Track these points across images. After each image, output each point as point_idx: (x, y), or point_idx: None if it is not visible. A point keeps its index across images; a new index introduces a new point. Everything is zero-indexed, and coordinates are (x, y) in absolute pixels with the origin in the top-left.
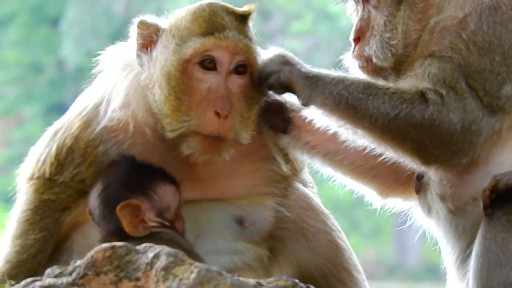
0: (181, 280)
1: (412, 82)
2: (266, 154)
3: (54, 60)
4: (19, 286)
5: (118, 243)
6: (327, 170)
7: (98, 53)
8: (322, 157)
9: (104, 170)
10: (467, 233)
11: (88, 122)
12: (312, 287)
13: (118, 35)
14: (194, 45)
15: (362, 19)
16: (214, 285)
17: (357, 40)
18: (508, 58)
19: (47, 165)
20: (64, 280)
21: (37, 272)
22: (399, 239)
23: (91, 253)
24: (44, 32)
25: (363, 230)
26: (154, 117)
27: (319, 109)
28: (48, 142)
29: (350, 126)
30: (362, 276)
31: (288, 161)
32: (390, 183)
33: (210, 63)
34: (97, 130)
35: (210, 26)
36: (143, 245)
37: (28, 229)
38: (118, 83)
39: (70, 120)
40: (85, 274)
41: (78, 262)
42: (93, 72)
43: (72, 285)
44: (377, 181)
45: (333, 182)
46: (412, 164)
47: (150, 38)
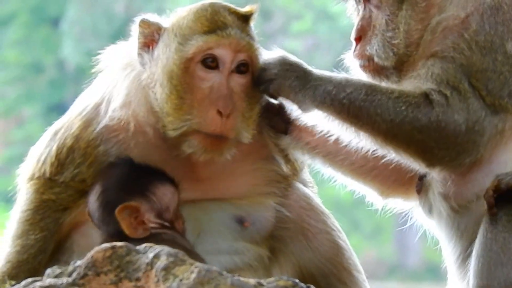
0: (181, 280)
1: (415, 83)
2: (267, 154)
3: (55, 60)
4: (20, 286)
5: (118, 243)
6: (328, 171)
7: (98, 53)
8: (323, 157)
9: (102, 172)
10: (469, 231)
11: (88, 122)
12: (312, 287)
13: (118, 35)
14: (197, 43)
15: (363, 19)
16: (214, 285)
17: (358, 39)
18: (510, 58)
19: (48, 165)
20: (64, 280)
21: (37, 272)
22: (400, 239)
23: (91, 253)
24: (44, 32)
25: (364, 230)
26: (156, 116)
27: (319, 115)
28: (48, 142)
29: (351, 132)
30: (362, 276)
31: (288, 161)
32: (391, 183)
33: (212, 62)
34: (97, 129)
35: (212, 24)
36: (143, 245)
37: (28, 229)
38: (118, 83)
39: (70, 120)
40: (85, 274)
41: (79, 262)
42: (93, 71)
43: (72, 285)
44: (378, 181)
45: (334, 182)
46: (415, 166)
47: (151, 37)
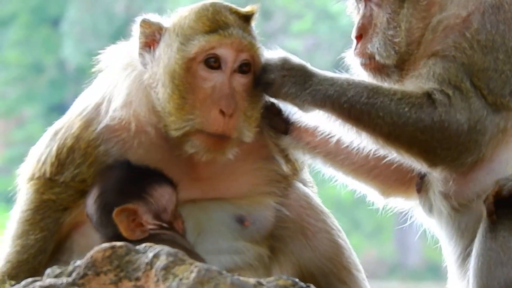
0: (181, 279)
1: (417, 83)
2: (267, 154)
3: (55, 60)
4: (20, 286)
5: (118, 243)
6: (329, 171)
7: (99, 53)
8: (324, 157)
9: (99, 175)
10: (470, 230)
11: (89, 122)
12: (312, 286)
13: (119, 35)
14: (199, 43)
15: (364, 17)
16: (214, 284)
17: (359, 37)
18: (511, 56)
19: (48, 165)
20: (64, 280)
21: (37, 272)
22: (400, 239)
23: (91, 253)
24: (44, 32)
25: (364, 229)
26: (157, 116)
27: (320, 116)
28: (48, 142)
29: (352, 133)
30: (362, 275)
31: (288, 161)
32: (391, 183)
33: (214, 62)
34: (98, 129)
35: (214, 24)
36: (143, 245)
37: (28, 229)
38: (119, 82)
39: (70, 120)
40: (85, 274)
41: (78, 262)
42: (93, 71)
43: (72, 285)
44: (378, 180)
45: (334, 182)
46: (417, 165)
47: (152, 37)
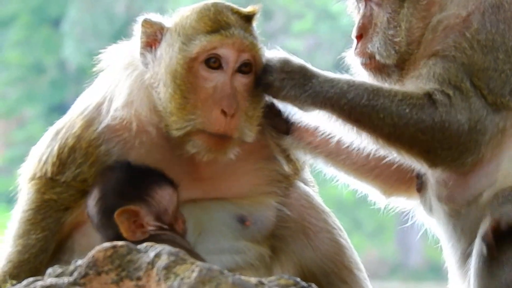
0: (182, 279)
1: (417, 84)
2: (268, 154)
3: (56, 60)
4: (21, 286)
5: (119, 243)
6: (330, 170)
7: (99, 53)
8: (325, 157)
9: (100, 176)
10: (466, 234)
11: (90, 121)
12: (313, 286)
13: (119, 35)
14: (201, 43)
15: (364, 16)
16: (215, 284)
17: (359, 37)
18: (511, 56)
19: (49, 164)
20: (65, 279)
21: (38, 271)
22: (402, 238)
23: (92, 252)
24: (45, 32)
25: (366, 229)
26: (158, 115)
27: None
28: (50, 141)
29: (353, 133)
30: (363, 274)
31: (289, 161)
32: (393, 182)
33: (215, 62)
34: (99, 129)
35: (215, 24)
36: (144, 244)
37: (30, 229)
38: (120, 82)
39: (72, 119)
40: (86, 274)
41: (80, 262)
42: (94, 71)
43: (73, 284)
44: (380, 180)
45: (336, 181)
46: (418, 166)
47: (154, 37)
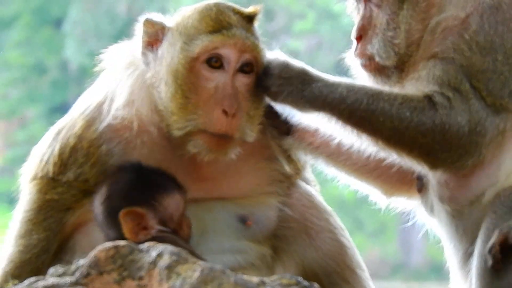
0: (184, 278)
1: (417, 86)
2: (269, 154)
3: (57, 60)
4: (23, 286)
5: (121, 242)
6: (331, 170)
7: (101, 53)
8: (326, 158)
9: (110, 175)
10: (468, 234)
11: (91, 121)
12: (315, 285)
13: (121, 35)
14: (202, 43)
15: (364, 18)
16: (217, 283)
17: (359, 38)
18: (510, 57)
19: (51, 164)
20: (67, 279)
21: (40, 272)
22: (403, 238)
23: (94, 252)
24: (47, 33)
25: (367, 229)
26: (159, 115)
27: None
28: (51, 141)
29: (353, 136)
30: (365, 274)
31: (291, 161)
32: (394, 182)
33: (216, 62)
34: (100, 129)
35: (217, 24)
36: (146, 244)
37: (31, 229)
38: (121, 82)
39: (73, 119)
40: (88, 274)
41: (81, 262)
42: (96, 70)
43: (75, 284)
44: (381, 180)
45: (337, 182)
46: (418, 167)
47: (155, 36)
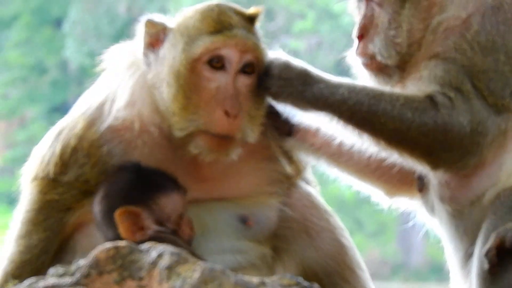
0: (184, 279)
1: (419, 86)
2: (270, 154)
3: (57, 60)
4: (23, 286)
5: (122, 243)
6: (333, 171)
7: (101, 53)
8: (327, 158)
9: (109, 175)
10: (468, 234)
11: (92, 122)
12: (315, 285)
13: (120, 36)
14: (204, 43)
15: (365, 17)
16: (218, 284)
17: (360, 37)
18: (511, 57)
19: (51, 165)
20: (67, 279)
21: (40, 272)
22: (403, 238)
23: (95, 252)
24: (47, 33)
25: (367, 229)
26: (161, 116)
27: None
28: (52, 142)
29: (354, 136)
30: (365, 274)
31: (291, 161)
32: (395, 183)
33: (217, 63)
34: (101, 129)
35: (219, 24)
36: (146, 244)
37: (32, 229)
38: (123, 82)
39: (74, 119)
40: (88, 274)
41: (82, 262)
42: (96, 71)
43: (75, 284)
44: (382, 181)
45: (339, 182)
46: (419, 168)
47: (157, 37)
